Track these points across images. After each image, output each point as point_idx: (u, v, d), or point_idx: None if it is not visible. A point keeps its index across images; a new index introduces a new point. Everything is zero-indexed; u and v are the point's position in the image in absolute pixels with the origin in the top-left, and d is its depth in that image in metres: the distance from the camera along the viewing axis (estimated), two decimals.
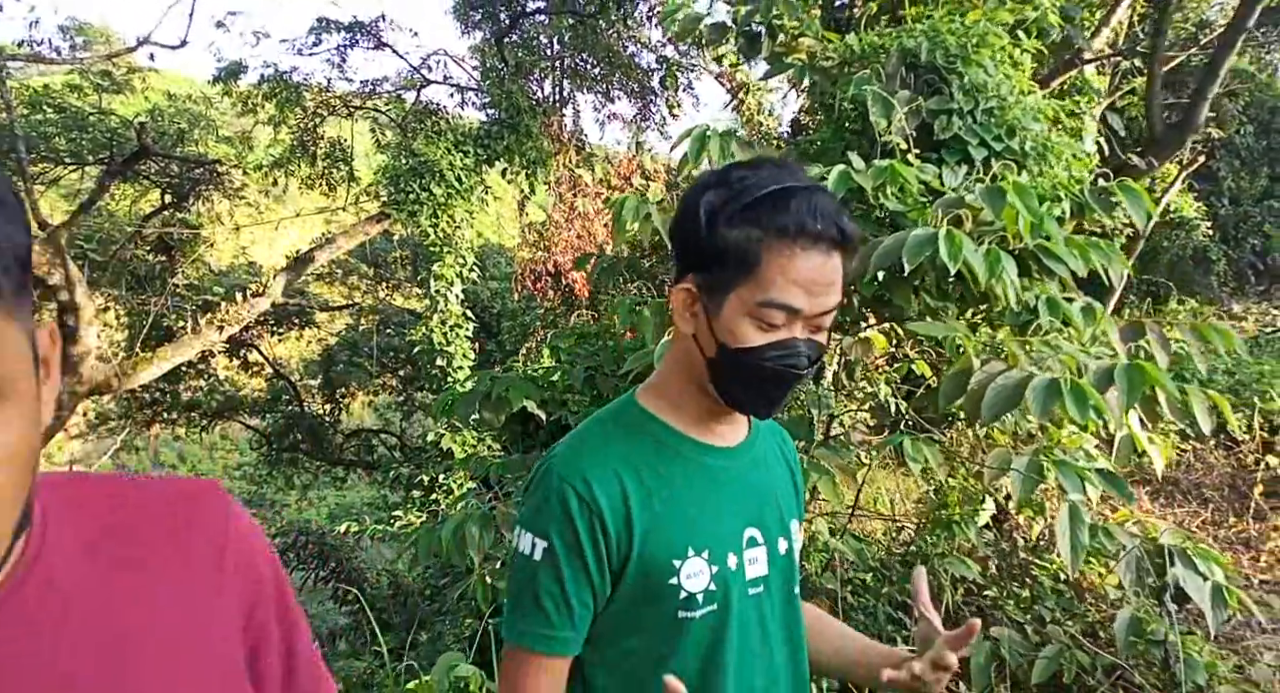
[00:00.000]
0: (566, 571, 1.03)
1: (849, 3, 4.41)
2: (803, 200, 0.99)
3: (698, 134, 2.57)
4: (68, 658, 0.59)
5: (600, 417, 1.14)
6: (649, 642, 1.07)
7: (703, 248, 1.04)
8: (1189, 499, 4.57)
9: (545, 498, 1.04)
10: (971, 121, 2.73)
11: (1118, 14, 5.89)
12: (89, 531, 0.65)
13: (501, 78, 10.18)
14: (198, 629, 0.66)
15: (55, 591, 0.60)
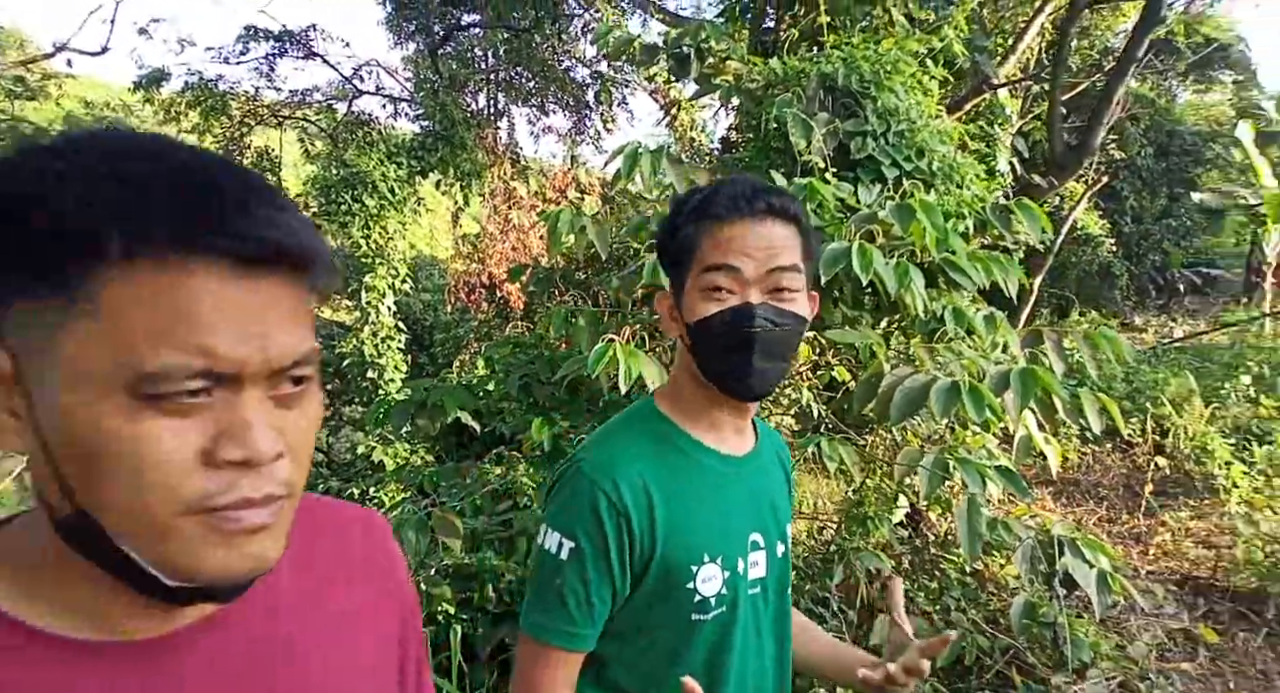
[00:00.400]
0: (591, 570, 1.05)
1: (773, 28, 4.61)
2: (729, 187, 1.09)
3: (630, 151, 2.68)
4: (284, 647, 0.64)
5: (624, 419, 1.17)
6: (662, 639, 1.10)
7: (666, 257, 1.15)
8: (1088, 498, 4.87)
9: (574, 498, 1.06)
10: (884, 143, 2.91)
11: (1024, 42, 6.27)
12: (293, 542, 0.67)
13: (435, 90, 10.18)
14: (379, 645, 0.73)
15: (275, 583, 0.65)
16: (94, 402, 0.49)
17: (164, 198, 0.49)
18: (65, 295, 0.48)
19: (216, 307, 0.50)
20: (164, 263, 0.49)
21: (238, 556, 0.53)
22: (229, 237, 0.50)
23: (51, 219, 0.48)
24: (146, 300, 0.49)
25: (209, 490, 0.51)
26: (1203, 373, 6.81)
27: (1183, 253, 14.78)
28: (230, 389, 0.52)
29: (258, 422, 0.52)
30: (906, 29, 4.41)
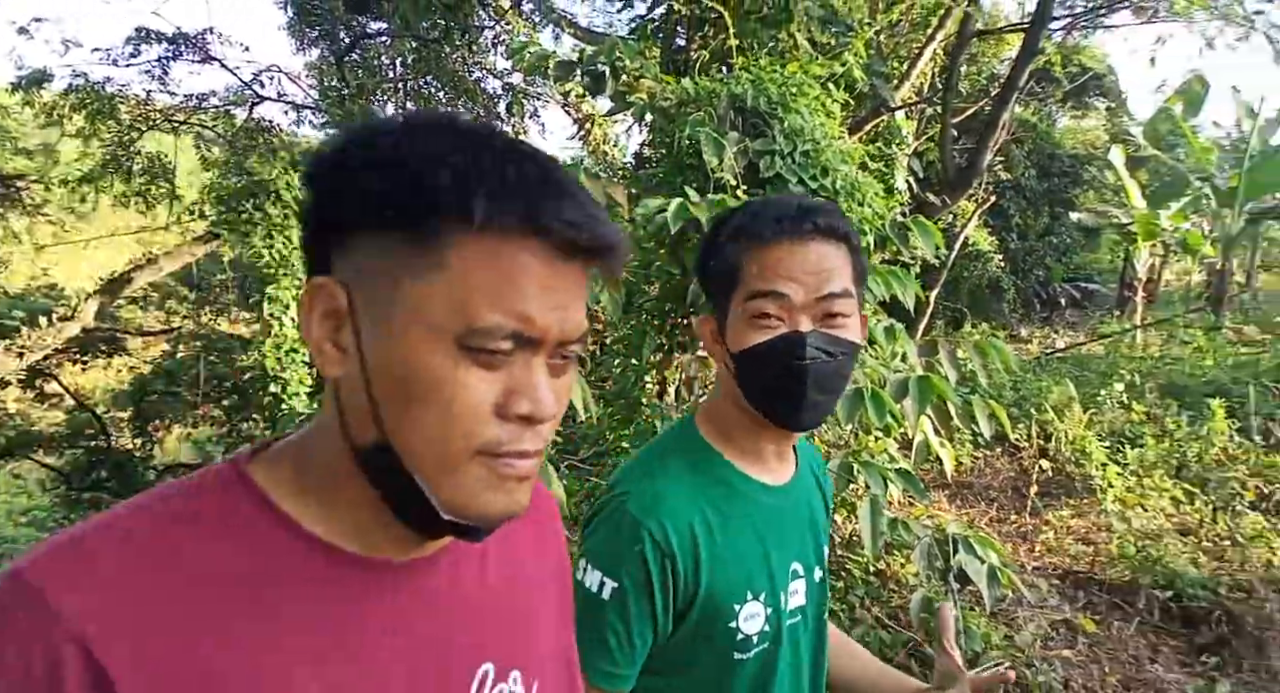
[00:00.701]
0: (634, 610, 1.01)
1: (684, 47, 4.74)
2: (771, 207, 1.05)
3: None
4: (492, 593, 0.73)
5: (666, 447, 1.13)
6: (703, 677, 1.07)
7: (707, 282, 1.11)
8: (980, 500, 5.15)
9: (618, 537, 1.02)
10: (791, 162, 3.04)
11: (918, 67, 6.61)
12: None
13: (342, 98, 9.96)
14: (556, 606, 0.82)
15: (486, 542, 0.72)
16: (426, 345, 0.57)
17: (517, 182, 0.57)
18: (423, 249, 0.56)
19: (539, 281, 0.58)
20: (509, 237, 0.57)
21: (505, 499, 0.61)
22: (564, 224, 0.58)
23: (429, 183, 0.56)
24: (488, 266, 0.57)
25: (499, 437, 0.59)
26: (1081, 381, 7.29)
27: (1063, 269, 15.76)
28: (528, 353, 0.60)
29: (544, 384, 0.60)
30: (810, 53, 4.61)
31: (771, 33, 4.57)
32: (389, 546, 0.64)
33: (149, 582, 0.55)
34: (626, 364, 3.43)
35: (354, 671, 0.61)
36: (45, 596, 0.51)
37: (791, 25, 4.59)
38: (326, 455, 0.63)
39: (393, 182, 0.56)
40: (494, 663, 0.70)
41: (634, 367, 3.39)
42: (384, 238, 0.57)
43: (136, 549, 0.56)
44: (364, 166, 0.57)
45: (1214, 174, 12.11)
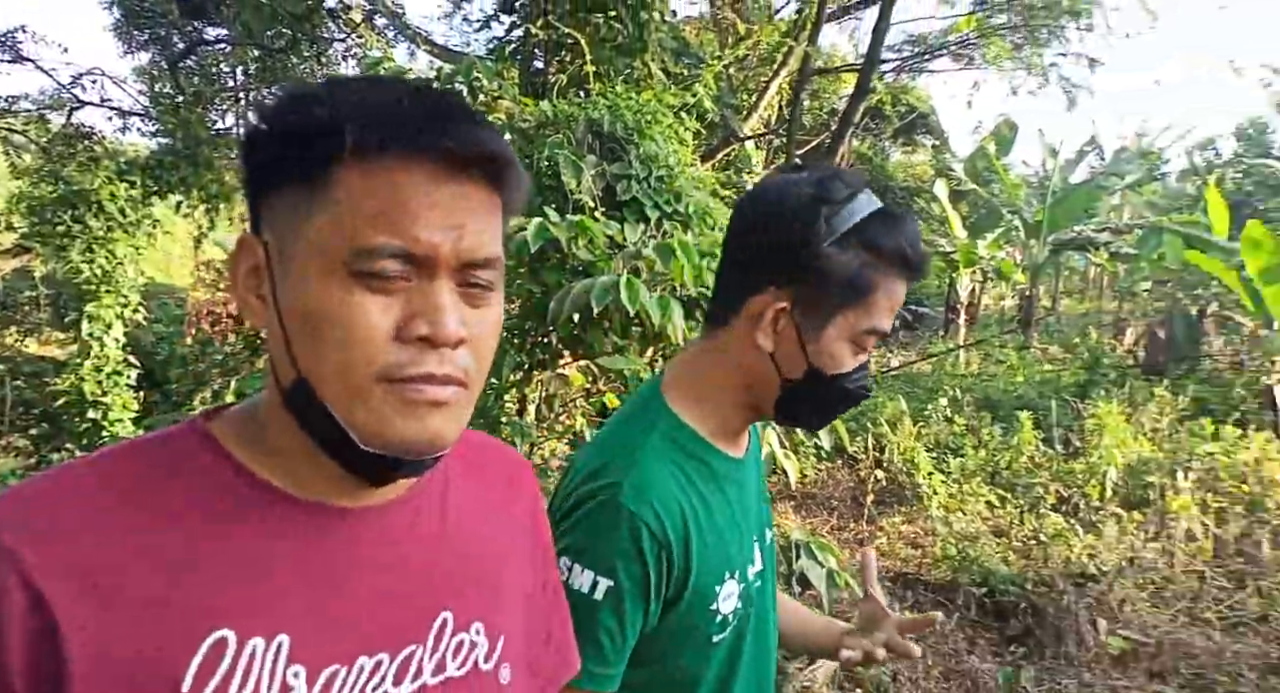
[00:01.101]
0: (629, 608, 0.94)
1: (543, 70, 4.81)
2: (906, 226, 0.98)
3: None
4: (450, 542, 0.73)
5: (641, 426, 1.03)
6: (683, 663, 1.03)
7: (805, 265, 0.96)
8: (822, 509, 5.47)
9: (612, 532, 0.93)
10: (647, 187, 3.17)
11: (764, 100, 6.99)
12: (463, 451, 0.77)
13: (176, 105, 9.37)
14: (518, 563, 0.80)
15: (448, 487, 0.75)
16: (321, 276, 0.58)
17: (390, 106, 0.59)
18: (309, 185, 0.59)
19: (423, 200, 0.59)
20: (389, 161, 0.58)
21: (418, 426, 0.60)
22: (438, 138, 0.58)
23: (302, 124, 0.58)
24: (371, 191, 0.58)
25: (399, 360, 0.59)
26: (911, 397, 7.86)
27: None
28: (425, 277, 0.60)
29: (445, 306, 0.60)
30: (664, 82, 4.79)
31: (627, 61, 4.73)
32: (338, 493, 0.66)
33: (98, 519, 0.58)
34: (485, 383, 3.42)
35: (301, 612, 0.62)
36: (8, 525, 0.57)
37: (646, 55, 4.77)
38: (268, 406, 0.66)
39: (284, 132, 0.59)
40: (452, 612, 0.70)
41: (493, 385, 3.40)
42: (287, 189, 0.60)
43: (89, 490, 0.60)
44: (267, 127, 0.60)
45: (1022, 208, 13.39)
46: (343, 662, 0.64)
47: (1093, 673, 3.43)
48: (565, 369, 3.28)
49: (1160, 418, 6.62)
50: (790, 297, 0.98)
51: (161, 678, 0.57)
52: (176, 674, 0.57)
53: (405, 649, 0.67)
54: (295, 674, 0.61)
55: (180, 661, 0.57)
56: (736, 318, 1.02)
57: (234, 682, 0.58)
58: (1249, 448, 5.39)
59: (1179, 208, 13.34)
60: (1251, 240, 6.85)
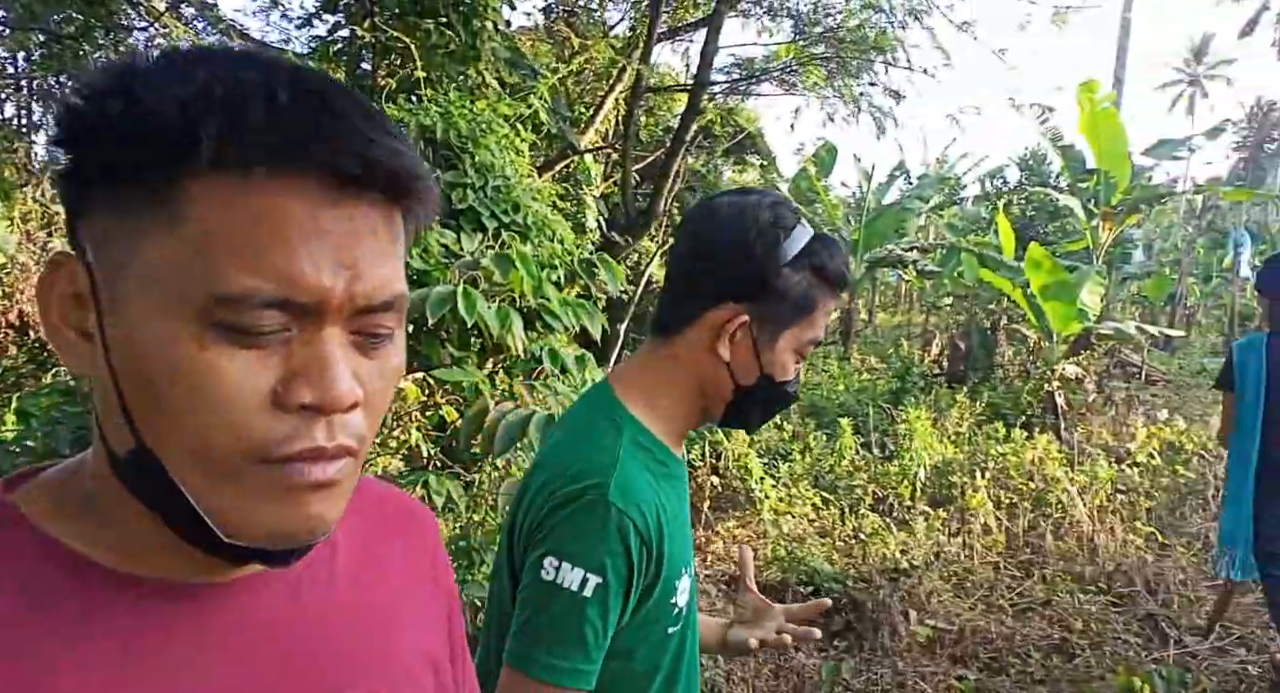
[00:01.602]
0: (614, 603, 0.98)
1: (371, 73, 4.64)
2: (838, 250, 1.12)
3: None
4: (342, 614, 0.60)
5: (609, 429, 1.06)
6: (642, 658, 1.07)
7: (765, 284, 1.07)
8: None
9: (601, 530, 0.97)
10: (483, 196, 3.12)
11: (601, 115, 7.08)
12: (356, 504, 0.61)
13: None
14: (423, 623, 0.68)
15: (336, 550, 0.62)
16: (165, 323, 0.44)
17: (262, 104, 0.44)
18: (148, 201, 0.44)
19: (305, 229, 0.45)
20: (253, 173, 0.44)
21: (296, 515, 0.48)
22: (325, 149, 0.45)
23: (144, 119, 0.44)
24: (230, 214, 0.44)
25: (277, 435, 0.46)
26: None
27: None
28: (310, 325, 0.47)
29: (336, 363, 0.47)
30: (499, 92, 4.75)
31: (460, 68, 4.65)
32: (191, 568, 0.52)
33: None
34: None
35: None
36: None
37: (479, 63, 4.70)
38: (93, 467, 0.52)
39: (118, 121, 0.44)
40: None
41: None
42: (118, 194, 0.45)
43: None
44: (94, 109, 0.45)
45: (841, 227, 14.31)
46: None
47: (904, 662, 3.67)
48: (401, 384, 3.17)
49: (961, 422, 7.24)
50: (748, 311, 1.08)
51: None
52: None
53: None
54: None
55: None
56: (691, 328, 1.10)
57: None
58: (1034, 448, 6.00)
59: (975, 230, 14.73)
60: (1033, 261, 7.65)
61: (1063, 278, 7.81)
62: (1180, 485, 6.08)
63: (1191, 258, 17.71)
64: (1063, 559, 4.80)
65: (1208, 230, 19.68)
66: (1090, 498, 5.35)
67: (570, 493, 0.99)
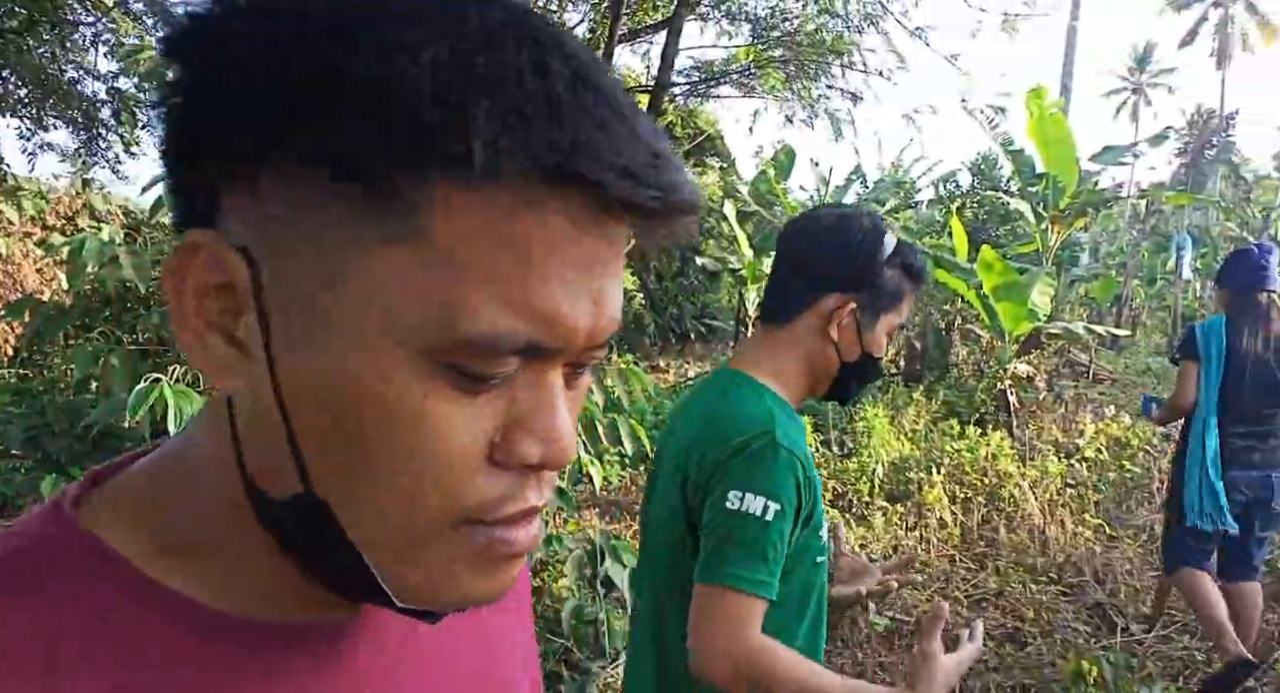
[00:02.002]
0: (787, 526, 1.19)
1: None
2: (918, 252, 1.40)
3: None
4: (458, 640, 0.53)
5: (755, 396, 1.29)
6: (802, 578, 1.27)
7: (869, 279, 1.33)
8: (626, 514, 5.58)
9: (775, 465, 1.19)
10: None
11: None
12: None
13: None
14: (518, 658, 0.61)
15: None
16: (388, 358, 0.35)
17: (542, 96, 0.34)
18: (386, 207, 0.34)
19: (571, 260, 0.36)
20: (526, 192, 0.34)
21: (494, 584, 0.41)
22: (618, 173, 0.34)
23: (389, 95, 0.32)
24: (485, 234, 0.34)
25: (491, 496, 0.38)
26: None
27: (693, 307, 17.68)
28: (540, 366, 0.38)
29: (562, 413, 0.39)
30: None
31: None
32: (300, 606, 0.43)
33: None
34: None
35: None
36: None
37: None
38: (212, 494, 0.41)
39: (338, 89, 0.33)
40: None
41: None
42: (318, 182, 0.34)
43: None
44: (283, 53, 0.34)
45: None
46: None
47: (864, 652, 3.74)
48: None
49: (917, 420, 7.38)
50: (855, 300, 1.33)
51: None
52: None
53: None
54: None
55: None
56: (805, 315, 1.34)
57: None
58: (988, 445, 6.14)
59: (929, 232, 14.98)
60: (985, 263, 7.82)
61: (1014, 279, 8.00)
62: (1126, 480, 6.28)
63: (1136, 260, 18.25)
64: (1015, 552, 4.93)
65: (1152, 234, 20.30)
66: (1041, 492, 5.49)
67: (744, 441, 1.22)
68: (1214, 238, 18.47)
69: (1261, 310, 3.50)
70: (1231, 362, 3.48)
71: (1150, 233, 20.44)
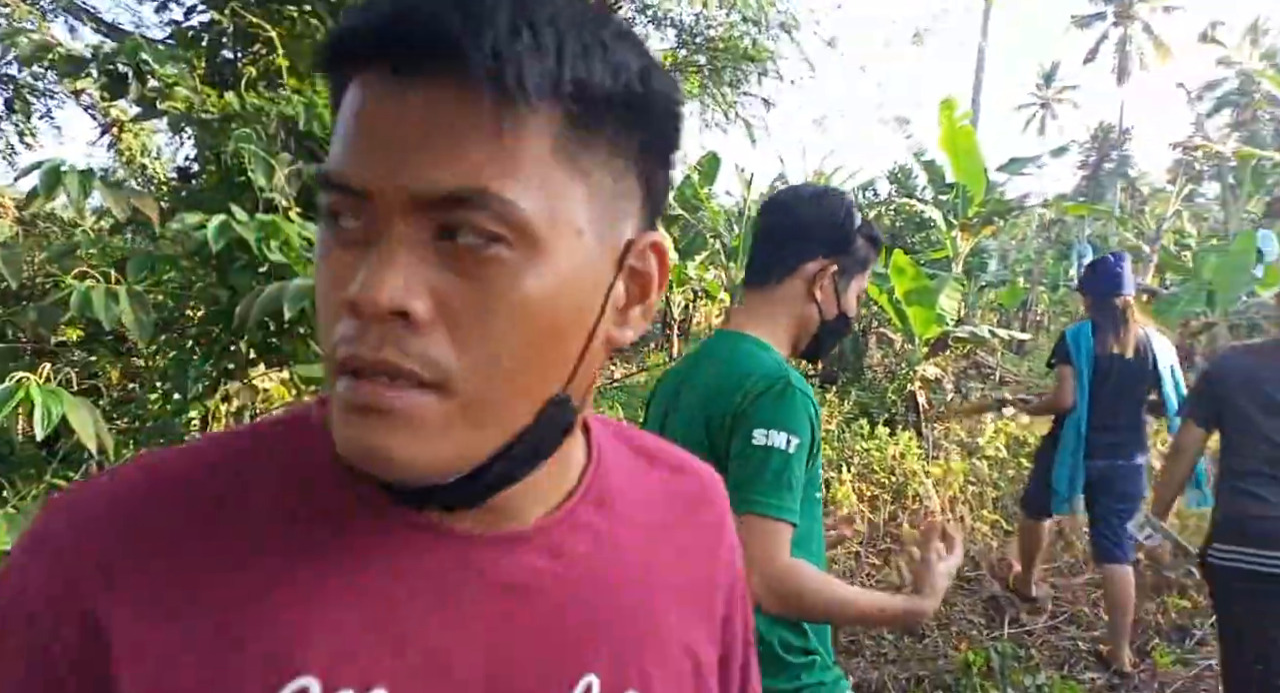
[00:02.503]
0: (805, 458, 1.34)
1: (233, 60, 4.44)
2: (874, 224, 1.60)
3: (50, 168, 2.37)
4: (600, 582, 0.57)
5: (759, 351, 1.46)
6: (806, 510, 1.39)
7: (844, 246, 1.52)
8: None
9: (793, 405, 1.35)
10: None
11: None
12: (647, 475, 0.65)
13: None
14: (692, 616, 0.63)
15: (610, 517, 0.59)
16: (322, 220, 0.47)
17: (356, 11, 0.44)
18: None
19: (366, 113, 0.44)
20: (363, 68, 0.44)
21: (352, 438, 0.44)
22: (406, 28, 0.42)
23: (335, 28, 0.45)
24: (341, 113, 0.46)
25: (337, 337, 0.44)
26: (628, 405, 8.27)
27: None
28: (371, 220, 0.44)
29: (384, 262, 0.42)
30: None
31: None
32: (463, 514, 0.52)
33: (170, 515, 0.47)
34: (164, 397, 3.08)
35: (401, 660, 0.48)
36: (56, 531, 0.47)
37: None
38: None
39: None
40: (599, 678, 0.54)
41: (174, 402, 3.06)
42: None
43: (169, 482, 0.49)
44: None
45: (723, 233, 14.67)
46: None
47: None
48: (260, 380, 3.05)
49: (829, 420, 7.56)
50: (835, 263, 1.51)
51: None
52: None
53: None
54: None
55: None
56: (791, 278, 1.52)
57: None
58: (896, 444, 6.33)
59: None
60: (898, 268, 8.07)
61: (924, 284, 8.27)
62: (1024, 476, 6.55)
63: (1041, 268, 19.08)
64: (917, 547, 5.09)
65: (1056, 242, 21.26)
66: (944, 490, 5.69)
67: (764, 385, 1.37)
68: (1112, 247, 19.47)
69: (1119, 314, 3.86)
70: (1098, 363, 3.86)
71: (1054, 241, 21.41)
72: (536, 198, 0.44)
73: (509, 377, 0.46)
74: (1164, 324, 10.48)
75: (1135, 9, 41.45)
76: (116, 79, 2.92)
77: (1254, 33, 35.06)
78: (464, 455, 0.46)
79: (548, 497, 0.56)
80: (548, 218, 0.45)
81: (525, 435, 0.49)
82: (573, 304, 0.48)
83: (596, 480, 0.59)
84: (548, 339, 0.47)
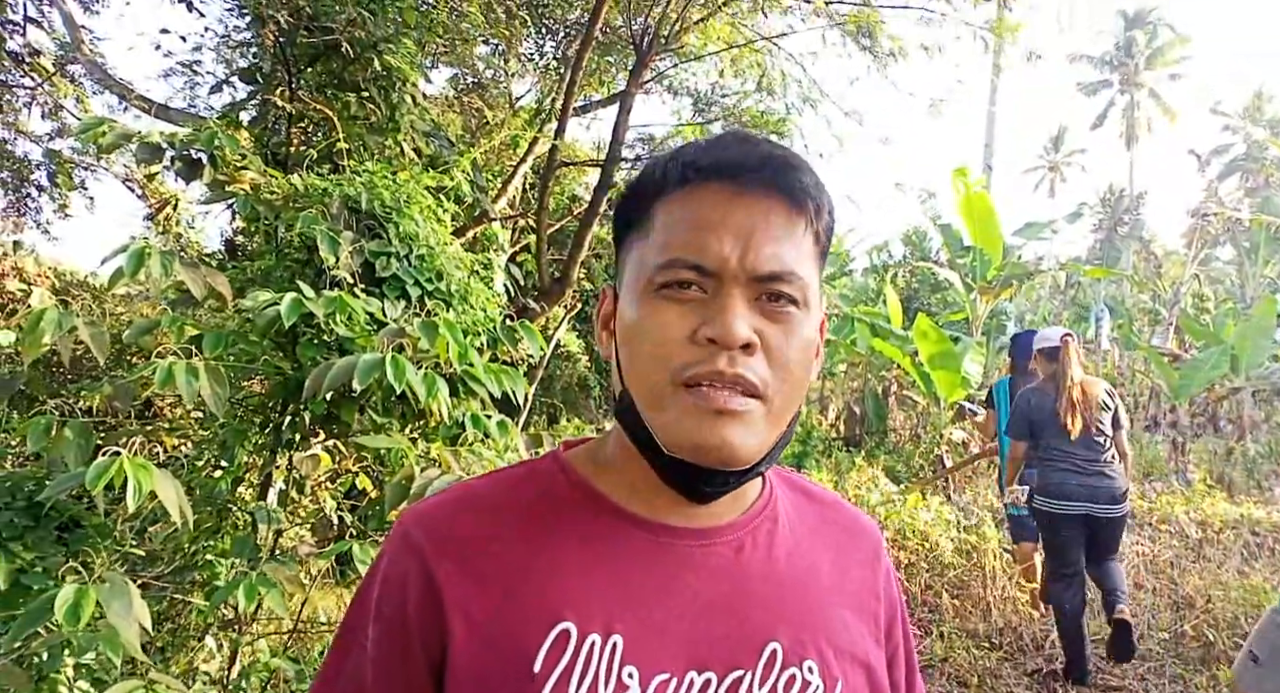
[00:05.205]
0: None
1: (285, 141, 4.64)
2: None
3: (136, 250, 2.49)
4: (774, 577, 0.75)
5: None
6: None
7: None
8: None
9: None
10: (407, 264, 3.16)
11: (513, 184, 7.22)
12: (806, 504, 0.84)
13: None
14: (854, 621, 0.79)
15: (776, 529, 0.78)
16: (636, 293, 0.68)
17: (710, 149, 0.70)
18: (641, 224, 0.71)
19: (716, 214, 0.67)
20: (695, 186, 0.68)
21: (710, 434, 0.64)
22: (737, 162, 0.68)
23: (646, 181, 0.72)
24: (678, 212, 0.68)
25: (688, 361, 0.65)
26: None
27: None
28: (717, 287, 0.66)
29: (732, 311, 0.65)
30: (415, 161, 4.82)
31: (378, 139, 4.71)
32: (668, 511, 0.73)
33: (473, 518, 0.73)
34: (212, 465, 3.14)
35: (632, 617, 0.68)
36: (407, 529, 0.73)
37: (399, 134, 4.78)
38: (615, 433, 0.75)
39: (630, 196, 0.74)
40: (781, 645, 0.72)
41: (226, 469, 3.12)
42: (634, 232, 0.72)
43: (469, 499, 0.75)
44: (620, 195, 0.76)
45: None
46: (673, 671, 0.67)
47: None
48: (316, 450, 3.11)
49: (860, 485, 7.52)
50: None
51: (518, 655, 0.65)
52: (529, 654, 0.65)
53: (733, 673, 0.69)
54: (630, 675, 0.66)
55: (532, 644, 0.66)
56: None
57: (576, 670, 0.65)
58: (927, 510, 6.28)
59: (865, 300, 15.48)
60: (921, 331, 8.14)
61: (948, 348, 8.32)
62: None
63: None
64: (958, 617, 5.02)
65: (1072, 304, 21.31)
66: (980, 558, 5.63)
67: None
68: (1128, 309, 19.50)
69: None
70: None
71: (1071, 303, 21.46)
72: (811, 279, 0.70)
73: (791, 395, 0.69)
74: (1189, 388, 10.46)
75: (1141, 76, 42.28)
76: (190, 164, 3.06)
77: (1258, 100, 35.67)
78: (763, 448, 0.68)
79: (737, 506, 0.77)
80: (813, 292, 0.70)
81: (781, 439, 0.71)
82: (813, 350, 0.72)
83: (771, 500, 0.79)
84: (806, 371, 0.70)
